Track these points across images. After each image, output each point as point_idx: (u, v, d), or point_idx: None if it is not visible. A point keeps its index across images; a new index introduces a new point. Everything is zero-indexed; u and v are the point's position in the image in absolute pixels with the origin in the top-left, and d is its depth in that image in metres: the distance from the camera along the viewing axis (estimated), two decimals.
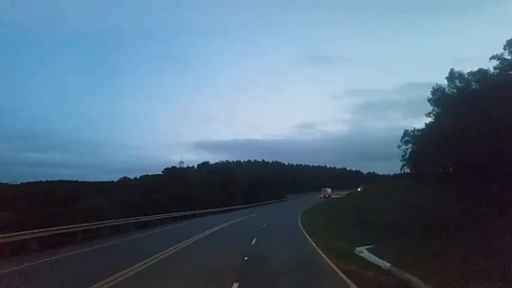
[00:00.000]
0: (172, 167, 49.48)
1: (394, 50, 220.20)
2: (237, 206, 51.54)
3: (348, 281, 7.90)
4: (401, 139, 22.58)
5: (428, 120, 21.20)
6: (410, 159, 21.46)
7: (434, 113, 21.16)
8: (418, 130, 22.58)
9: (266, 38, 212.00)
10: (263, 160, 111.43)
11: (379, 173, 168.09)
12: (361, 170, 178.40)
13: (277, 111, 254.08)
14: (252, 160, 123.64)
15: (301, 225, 25.37)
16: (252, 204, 57.39)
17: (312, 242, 16.39)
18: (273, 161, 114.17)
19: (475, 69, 18.25)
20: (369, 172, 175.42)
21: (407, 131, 23.53)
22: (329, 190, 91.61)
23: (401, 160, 22.01)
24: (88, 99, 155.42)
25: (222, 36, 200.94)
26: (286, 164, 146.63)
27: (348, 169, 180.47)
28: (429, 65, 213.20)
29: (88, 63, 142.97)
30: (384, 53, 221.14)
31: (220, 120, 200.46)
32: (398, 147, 21.73)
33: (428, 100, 21.09)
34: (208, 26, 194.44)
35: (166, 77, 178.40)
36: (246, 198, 59.12)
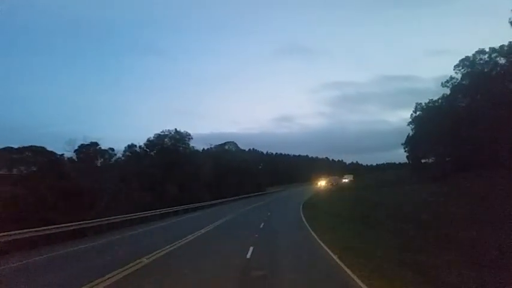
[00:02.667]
0: None
1: (370, 43, 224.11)
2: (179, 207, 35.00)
3: None
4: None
5: None
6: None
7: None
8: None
9: (243, 31, 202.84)
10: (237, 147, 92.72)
11: (362, 163, 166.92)
12: (344, 160, 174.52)
13: (254, 105, 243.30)
14: None
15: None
16: (207, 203, 38.63)
17: None
18: (249, 149, 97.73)
19: None
20: (352, 162, 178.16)
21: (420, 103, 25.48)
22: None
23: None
24: (65, 92, 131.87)
25: (199, 29, 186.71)
26: (265, 152, 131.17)
27: (331, 159, 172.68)
28: (404, 58, 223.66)
29: (68, 55, 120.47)
30: (360, 46, 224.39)
31: (197, 113, 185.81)
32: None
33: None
34: (185, 18, 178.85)
35: (142, 70, 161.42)
36: (210, 193, 42.71)
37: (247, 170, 61.48)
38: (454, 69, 43.92)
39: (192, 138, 45.71)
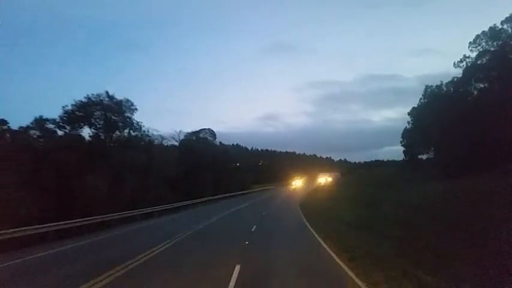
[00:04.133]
0: None
1: (355, 42, 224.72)
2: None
3: None
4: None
5: None
6: None
7: None
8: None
9: (228, 30, 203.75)
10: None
11: (351, 161, 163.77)
12: (332, 157, 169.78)
13: (240, 103, 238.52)
14: None
15: None
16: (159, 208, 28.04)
17: None
18: (232, 144, 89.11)
19: None
20: (340, 159, 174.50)
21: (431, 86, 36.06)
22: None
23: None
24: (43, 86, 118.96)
25: (184, 28, 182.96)
26: (250, 148, 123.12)
27: (319, 156, 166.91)
28: (388, 57, 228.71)
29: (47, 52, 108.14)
30: (345, 45, 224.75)
31: (182, 112, 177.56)
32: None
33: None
34: (169, 18, 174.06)
35: (127, 68, 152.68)
36: (173, 193, 34.26)
37: (227, 165, 53.03)
38: (469, 46, 37.11)
39: (137, 109, 31.57)
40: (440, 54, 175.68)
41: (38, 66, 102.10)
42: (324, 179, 75.31)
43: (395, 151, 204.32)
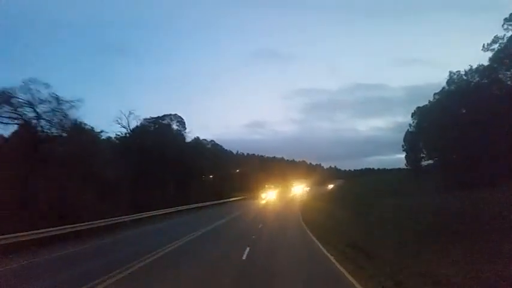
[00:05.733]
0: None
1: (343, 51, 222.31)
2: None
3: None
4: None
5: None
6: None
7: None
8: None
9: (215, 35, 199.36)
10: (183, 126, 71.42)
11: (341, 168, 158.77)
12: (322, 164, 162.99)
13: (226, 110, 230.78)
14: None
15: None
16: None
17: None
18: (212, 144, 77.98)
19: None
20: (330, 166, 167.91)
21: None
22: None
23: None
24: None
25: (170, 32, 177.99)
26: (235, 152, 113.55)
27: (308, 162, 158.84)
28: (375, 66, 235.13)
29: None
30: (333, 54, 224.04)
31: None
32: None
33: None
34: (156, 21, 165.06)
35: (110, 72, 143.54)
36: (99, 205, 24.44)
37: (199, 165, 42.77)
38: (503, 24, 29.22)
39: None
40: (428, 65, 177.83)
41: None
42: (302, 190, 67.77)
43: (384, 160, 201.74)
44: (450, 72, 37.56)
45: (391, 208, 25.62)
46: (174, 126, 40.49)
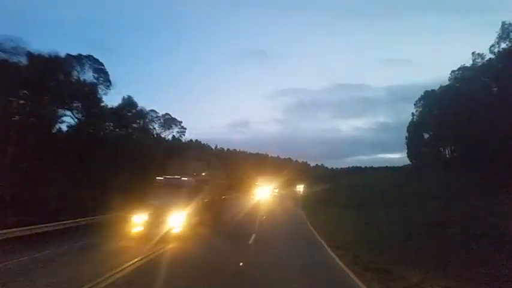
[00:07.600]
0: None
1: (327, 51, 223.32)
2: None
3: None
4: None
5: None
6: None
7: None
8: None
9: (199, 34, 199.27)
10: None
11: (328, 166, 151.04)
12: (308, 162, 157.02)
13: (209, 109, 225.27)
14: None
15: None
16: None
17: None
18: (189, 140, 65.15)
19: None
20: (317, 164, 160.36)
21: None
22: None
23: None
24: None
25: (153, 31, 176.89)
26: (213, 147, 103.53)
27: (294, 160, 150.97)
28: (358, 66, 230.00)
29: None
30: (316, 53, 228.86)
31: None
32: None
33: None
34: (138, 20, 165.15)
35: None
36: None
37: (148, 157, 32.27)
38: None
39: None
40: (410, 65, 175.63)
41: None
42: (269, 192, 52.44)
43: (367, 160, 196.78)
44: (473, 53, 30.05)
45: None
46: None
